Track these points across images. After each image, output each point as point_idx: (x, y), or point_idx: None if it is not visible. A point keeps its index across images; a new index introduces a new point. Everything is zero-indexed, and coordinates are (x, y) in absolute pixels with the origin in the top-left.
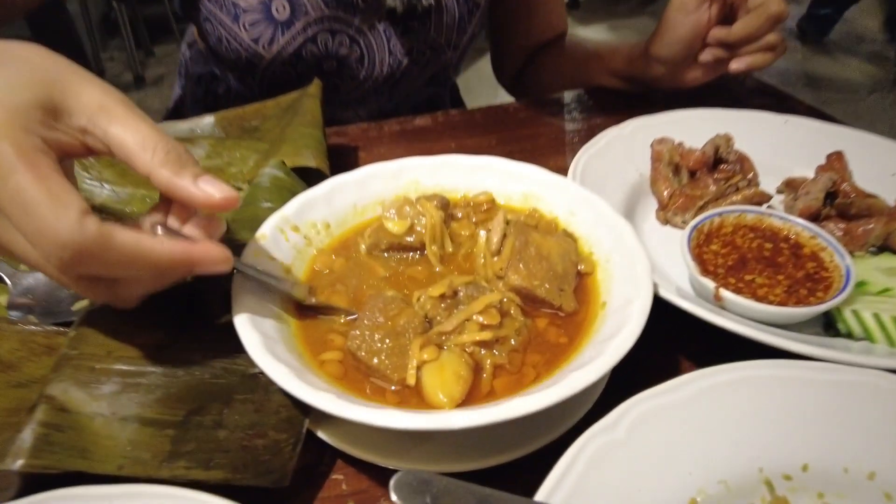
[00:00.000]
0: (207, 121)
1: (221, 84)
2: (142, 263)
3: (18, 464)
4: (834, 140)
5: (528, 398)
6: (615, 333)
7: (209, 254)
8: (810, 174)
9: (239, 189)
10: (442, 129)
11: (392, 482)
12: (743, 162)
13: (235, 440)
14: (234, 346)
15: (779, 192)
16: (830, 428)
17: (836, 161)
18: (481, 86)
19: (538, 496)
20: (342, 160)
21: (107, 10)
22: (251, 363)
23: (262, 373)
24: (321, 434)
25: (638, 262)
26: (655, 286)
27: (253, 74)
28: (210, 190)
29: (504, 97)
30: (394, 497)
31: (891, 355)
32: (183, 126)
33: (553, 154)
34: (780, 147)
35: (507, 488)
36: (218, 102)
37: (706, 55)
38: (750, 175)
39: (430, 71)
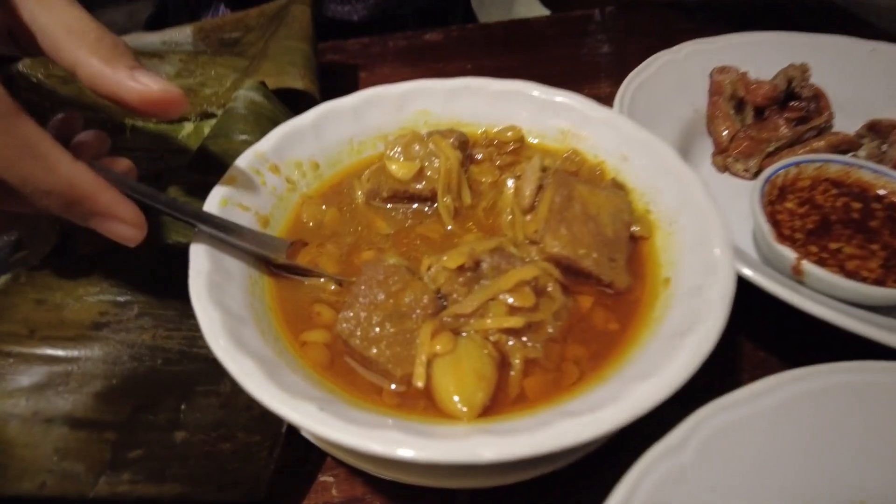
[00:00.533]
0: (184, 33)
1: None
2: (34, 167)
3: None
4: None
5: (581, 419)
6: (690, 328)
7: (118, 206)
8: None
9: (212, 115)
10: (456, 46)
11: None
12: (819, 98)
13: (196, 444)
14: (194, 322)
15: (859, 136)
16: None
17: None
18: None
19: None
20: (337, 82)
21: None
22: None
23: None
24: (305, 433)
25: (713, 229)
26: (735, 262)
27: None
28: (148, 82)
29: (520, 12)
30: None
31: None
32: (153, 38)
33: (590, 81)
34: (864, 81)
35: None
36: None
37: None
38: (825, 115)
39: None
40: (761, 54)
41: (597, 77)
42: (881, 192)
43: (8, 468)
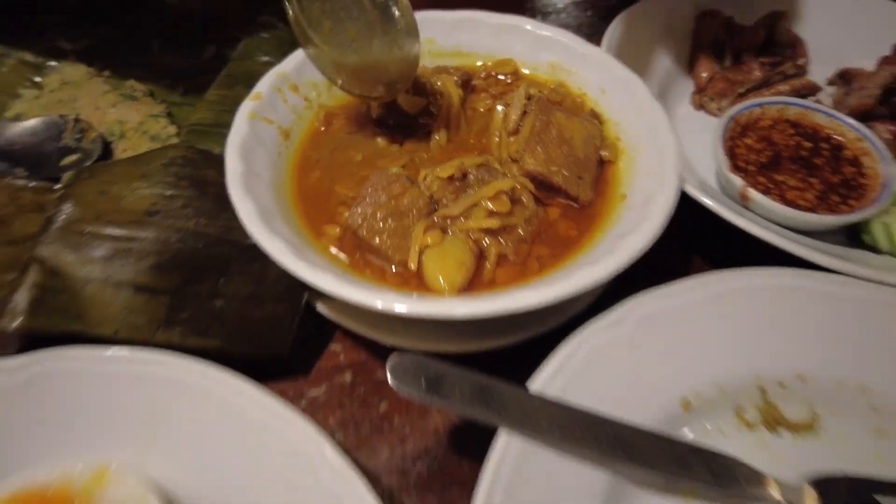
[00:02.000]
0: None
1: None
2: None
3: (15, 324)
4: None
5: (531, 291)
6: (632, 230)
7: None
8: (871, 66)
9: (236, 39)
10: None
11: (388, 365)
12: (796, 45)
13: (233, 310)
14: (229, 215)
15: (830, 83)
16: (834, 342)
17: None
18: None
19: (535, 383)
20: None
21: None
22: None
23: None
24: (320, 308)
25: (668, 156)
26: (682, 181)
27: None
28: None
29: None
30: (390, 379)
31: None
32: None
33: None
34: (842, 31)
35: (503, 373)
36: None
37: None
38: (801, 61)
39: None
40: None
41: (595, 10)
42: (830, 133)
43: (90, 318)
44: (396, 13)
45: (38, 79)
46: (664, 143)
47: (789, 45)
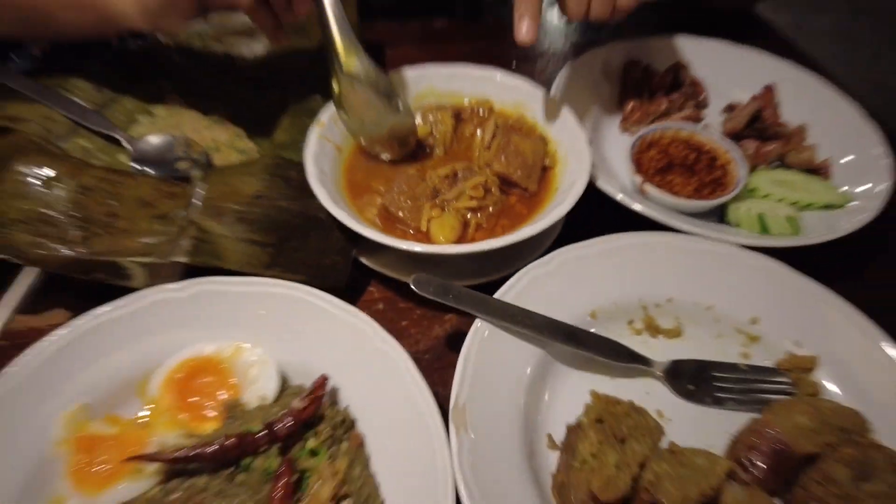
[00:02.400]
0: None
1: None
2: None
3: (182, 259)
4: (778, 74)
5: (495, 240)
6: (558, 205)
7: None
8: (747, 100)
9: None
10: (459, 33)
11: (412, 278)
12: (695, 86)
13: (310, 258)
14: (305, 199)
15: (723, 112)
16: (690, 277)
17: (767, 93)
18: None
19: (496, 295)
20: (371, 55)
21: None
22: (319, 210)
23: (326, 217)
24: (363, 259)
25: (584, 162)
26: (594, 177)
27: None
28: None
29: None
30: (413, 285)
31: (745, 236)
32: (243, 18)
33: (554, 59)
34: (733, 76)
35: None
36: None
37: None
38: (701, 97)
39: None
40: (663, 52)
41: (555, 60)
42: (709, 147)
43: (225, 259)
44: (400, 105)
45: (151, 109)
46: (583, 155)
47: (690, 85)
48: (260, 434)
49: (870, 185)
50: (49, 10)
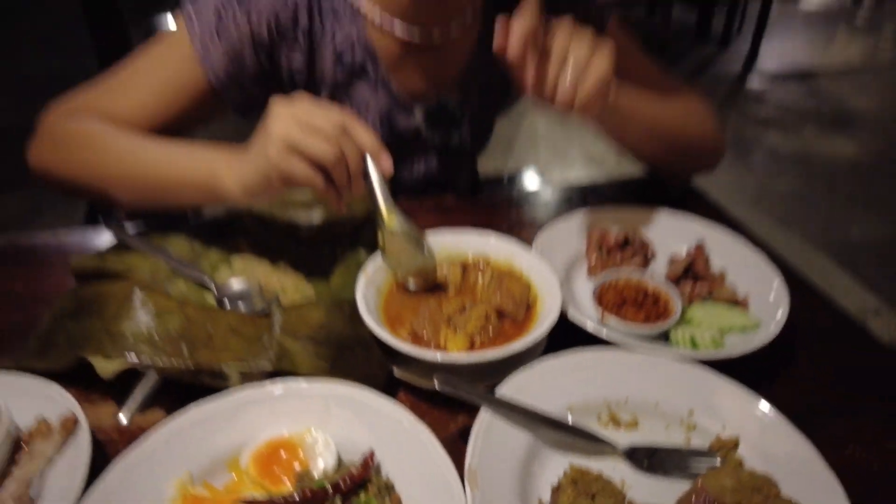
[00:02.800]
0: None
1: None
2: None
3: (269, 366)
4: (706, 232)
5: (494, 351)
6: (536, 328)
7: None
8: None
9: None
10: (463, 208)
11: (436, 376)
12: (643, 244)
13: (359, 369)
14: (355, 325)
15: (668, 262)
16: (640, 381)
17: (698, 248)
18: (494, 145)
19: (496, 392)
20: None
21: None
22: (365, 334)
23: (370, 339)
24: (395, 370)
25: (557, 298)
26: (565, 310)
27: None
28: None
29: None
30: (437, 384)
31: (681, 352)
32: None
33: (535, 226)
34: (672, 235)
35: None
36: None
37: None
38: (648, 252)
39: (456, 170)
40: (617, 219)
41: (538, 225)
42: (655, 289)
43: (298, 365)
44: (426, 249)
45: (230, 260)
46: (556, 295)
47: (639, 243)
48: (328, 488)
49: (774, 311)
50: (173, 188)
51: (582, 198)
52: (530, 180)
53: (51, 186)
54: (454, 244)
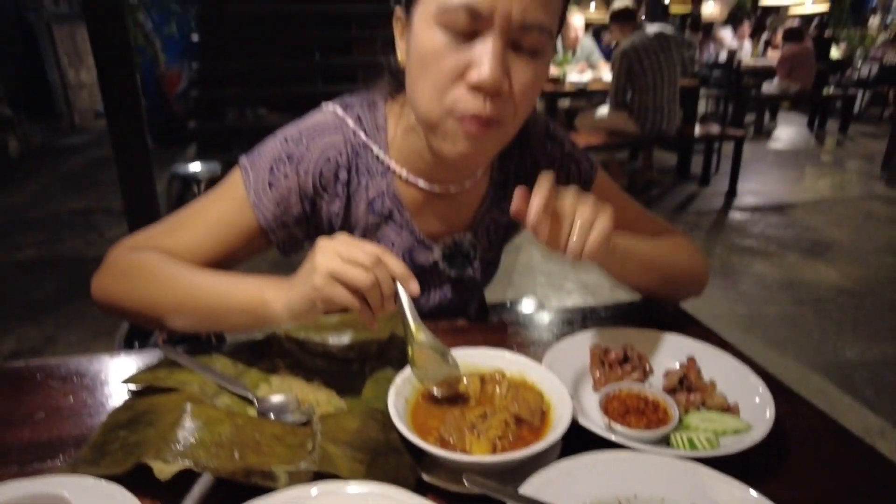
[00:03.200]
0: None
1: None
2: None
3: (314, 468)
4: (697, 349)
5: (514, 453)
6: (550, 433)
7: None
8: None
9: (375, 360)
10: (475, 329)
11: (465, 476)
12: (641, 359)
13: (391, 472)
14: (388, 431)
15: (664, 375)
16: (646, 479)
17: (690, 362)
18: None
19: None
20: None
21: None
22: (396, 439)
23: (401, 444)
24: (423, 474)
25: (568, 406)
26: (575, 417)
27: None
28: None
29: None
30: (467, 482)
31: (681, 452)
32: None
33: (541, 344)
34: (667, 352)
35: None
36: None
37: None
38: (646, 367)
39: (466, 300)
40: (616, 337)
41: (546, 342)
42: (652, 397)
43: (340, 468)
44: (450, 360)
45: (269, 378)
46: (566, 403)
47: (637, 358)
48: None
49: (762, 414)
50: (225, 314)
51: (582, 320)
52: (532, 306)
53: (111, 313)
54: (471, 359)
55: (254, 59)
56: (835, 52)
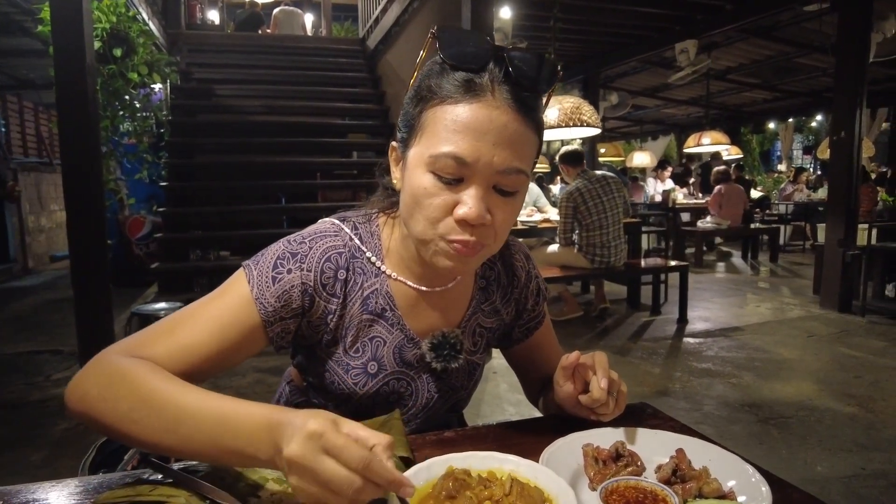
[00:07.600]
0: None
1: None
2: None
3: None
4: (683, 443)
5: None
6: None
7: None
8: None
9: None
10: (462, 440)
11: None
12: (633, 455)
13: None
14: None
15: (656, 469)
16: None
17: (680, 454)
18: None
19: None
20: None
21: None
22: None
23: None
24: None
25: (571, 498)
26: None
27: (348, 404)
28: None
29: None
30: None
31: None
32: None
33: (535, 446)
34: (656, 447)
35: None
36: None
37: (581, 410)
38: (639, 462)
39: (450, 403)
40: (608, 437)
41: (540, 444)
42: (650, 488)
43: None
44: None
45: (257, 490)
46: (568, 495)
47: (628, 454)
48: None
49: (759, 496)
50: (205, 451)
51: (569, 426)
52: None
53: (84, 423)
54: (465, 463)
55: (219, 204)
56: (754, 193)
